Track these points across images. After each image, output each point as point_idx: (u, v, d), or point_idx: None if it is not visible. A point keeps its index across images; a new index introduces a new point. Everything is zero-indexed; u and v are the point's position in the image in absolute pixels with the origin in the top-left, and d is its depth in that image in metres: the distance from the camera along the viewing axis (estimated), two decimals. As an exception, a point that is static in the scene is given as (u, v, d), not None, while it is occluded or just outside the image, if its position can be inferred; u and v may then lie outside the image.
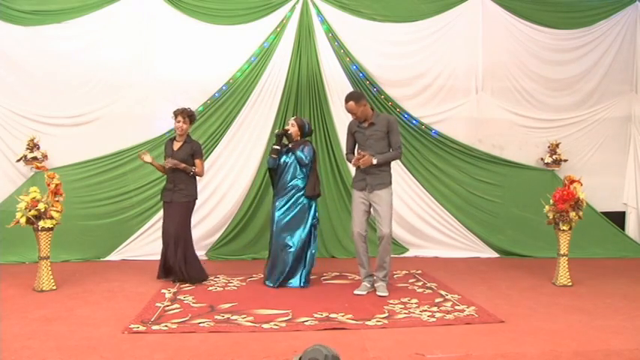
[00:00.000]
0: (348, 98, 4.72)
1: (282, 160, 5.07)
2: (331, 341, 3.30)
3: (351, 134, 4.90)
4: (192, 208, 5.21)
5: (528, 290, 4.93)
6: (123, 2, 6.20)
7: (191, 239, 5.19)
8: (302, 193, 5.03)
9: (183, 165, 5.03)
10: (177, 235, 5.00)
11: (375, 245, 4.82)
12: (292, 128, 5.09)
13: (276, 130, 5.23)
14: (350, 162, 4.94)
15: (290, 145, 5.07)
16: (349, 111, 4.72)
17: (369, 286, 4.86)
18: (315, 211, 5.12)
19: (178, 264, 5.01)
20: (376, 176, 4.70)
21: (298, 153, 4.98)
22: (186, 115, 5.11)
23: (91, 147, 6.19)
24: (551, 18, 6.76)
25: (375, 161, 4.62)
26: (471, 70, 6.69)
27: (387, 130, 4.71)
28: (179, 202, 5.06)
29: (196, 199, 5.22)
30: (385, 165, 4.74)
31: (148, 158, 5.11)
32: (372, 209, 4.81)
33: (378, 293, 4.72)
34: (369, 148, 4.70)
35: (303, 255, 5.04)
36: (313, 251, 5.11)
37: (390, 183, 4.79)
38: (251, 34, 6.38)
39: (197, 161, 5.13)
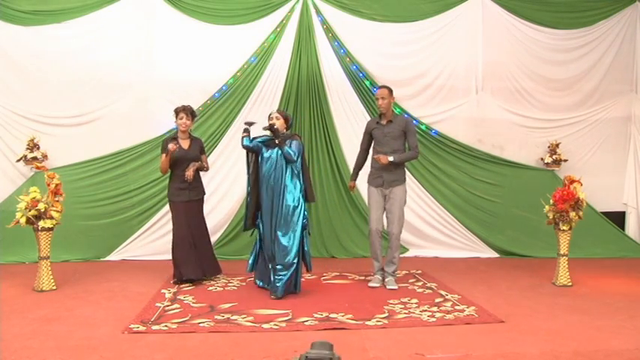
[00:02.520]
0: (385, 86, 5.09)
1: (268, 155, 4.73)
2: (331, 341, 3.29)
3: (368, 132, 5.13)
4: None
5: (528, 290, 4.93)
6: (123, 2, 6.20)
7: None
8: (291, 193, 4.64)
9: (200, 164, 5.14)
10: (204, 232, 5.17)
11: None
12: (278, 122, 4.76)
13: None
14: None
15: (277, 141, 4.69)
16: (379, 95, 4.98)
17: (381, 278, 5.05)
18: (305, 211, 4.72)
19: (207, 260, 5.14)
20: (392, 173, 4.93)
21: (286, 149, 4.64)
22: (188, 111, 5.15)
23: (91, 147, 6.20)
24: (551, 18, 6.77)
25: (391, 159, 4.84)
26: (470, 70, 6.70)
27: (405, 130, 4.98)
28: (197, 199, 5.16)
29: (205, 192, 5.34)
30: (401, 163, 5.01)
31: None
32: (385, 205, 5.00)
33: (388, 287, 4.93)
34: (386, 145, 4.94)
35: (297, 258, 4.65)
36: (307, 252, 4.75)
37: (405, 180, 5.03)
38: (251, 34, 6.38)
39: (203, 157, 5.26)
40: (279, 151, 4.68)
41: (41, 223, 4.69)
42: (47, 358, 3.22)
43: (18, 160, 6.05)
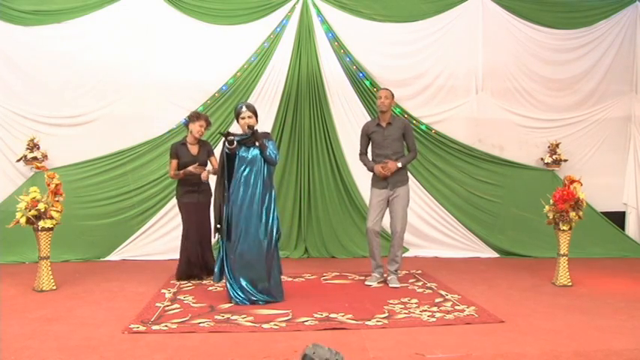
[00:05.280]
0: (386, 88, 5.18)
1: (245, 155, 4.39)
2: (331, 341, 3.30)
3: (366, 135, 5.15)
4: None
5: (528, 290, 4.93)
6: (123, 2, 6.20)
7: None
8: (268, 195, 4.40)
9: (215, 169, 5.04)
10: (208, 234, 5.13)
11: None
12: (251, 120, 4.42)
13: (247, 130, 4.40)
14: (365, 164, 5.16)
15: (257, 143, 4.38)
16: (382, 94, 5.03)
17: (378, 276, 5.09)
18: (277, 213, 4.51)
19: (211, 261, 5.16)
20: (396, 175, 4.99)
21: (269, 152, 4.37)
22: (208, 120, 5.21)
23: (91, 147, 6.20)
24: (551, 18, 6.77)
25: (400, 164, 4.94)
26: (470, 70, 6.69)
27: (403, 133, 5.03)
28: (205, 201, 5.15)
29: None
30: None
31: (204, 173, 5.03)
32: (388, 206, 5.05)
33: (391, 285, 4.97)
34: (387, 148, 4.99)
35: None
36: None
37: (408, 181, 5.11)
38: (251, 34, 6.38)
39: (213, 159, 5.23)
40: (255, 151, 4.38)
41: (41, 223, 4.69)
42: (47, 358, 3.22)
43: (18, 160, 6.05)
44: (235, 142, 4.34)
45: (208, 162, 5.21)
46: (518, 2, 6.72)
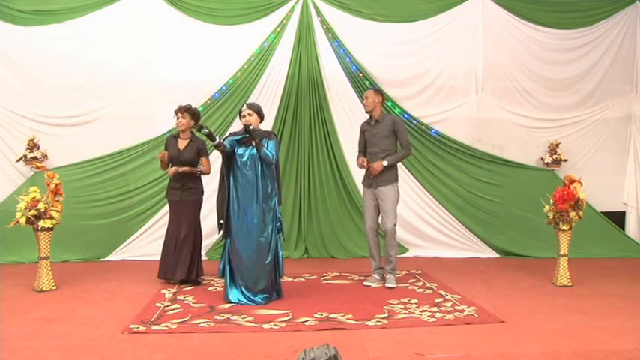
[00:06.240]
0: (371, 88, 5.27)
1: (241, 153, 4.42)
2: (331, 341, 3.29)
3: (362, 133, 5.16)
4: (201, 205, 5.21)
5: (528, 290, 4.93)
6: (123, 2, 6.21)
7: (201, 237, 5.19)
8: (265, 195, 4.40)
9: (186, 169, 5.00)
10: (189, 234, 5.01)
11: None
12: (251, 118, 4.43)
13: (241, 129, 4.45)
14: (358, 164, 5.15)
15: (254, 142, 4.37)
16: (365, 95, 5.10)
17: (378, 278, 5.08)
18: (278, 214, 4.53)
19: (187, 262, 4.95)
20: (381, 173, 4.94)
21: (264, 151, 4.34)
22: (184, 110, 5.05)
23: (91, 147, 6.20)
24: (551, 18, 6.77)
25: (385, 163, 4.89)
26: (470, 70, 6.69)
27: (393, 130, 4.97)
28: (189, 200, 5.06)
29: (203, 194, 5.20)
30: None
31: (171, 169, 4.99)
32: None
33: (387, 285, 4.97)
34: (376, 146, 4.98)
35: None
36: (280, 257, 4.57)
37: (396, 180, 5.03)
38: (251, 34, 6.39)
39: (203, 160, 5.14)
40: (253, 151, 4.39)
41: (41, 223, 4.68)
42: (47, 358, 3.22)
43: (18, 160, 6.05)
44: (209, 131, 4.34)
45: (199, 164, 5.12)
46: (518, 2, 6.72)
